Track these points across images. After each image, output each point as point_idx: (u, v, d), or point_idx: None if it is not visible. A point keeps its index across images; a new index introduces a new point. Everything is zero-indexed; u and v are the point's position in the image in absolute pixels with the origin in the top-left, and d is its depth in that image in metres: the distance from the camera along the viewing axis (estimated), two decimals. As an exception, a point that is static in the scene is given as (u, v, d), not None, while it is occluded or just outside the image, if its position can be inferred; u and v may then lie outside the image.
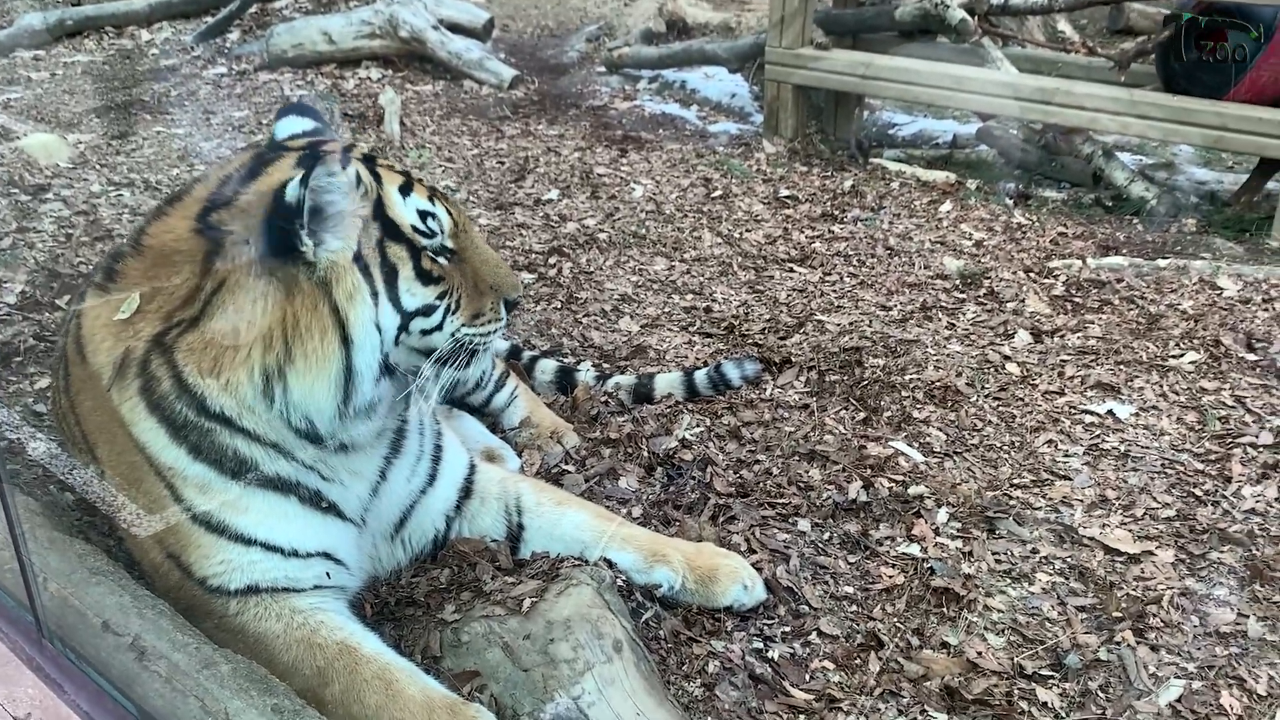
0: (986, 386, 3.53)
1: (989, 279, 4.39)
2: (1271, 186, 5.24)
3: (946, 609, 2.54)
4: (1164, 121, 5.12)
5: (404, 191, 2.09)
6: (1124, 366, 3.65)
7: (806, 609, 2.50)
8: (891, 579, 2.62)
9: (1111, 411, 3.38)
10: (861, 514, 2.87)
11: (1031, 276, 4.43)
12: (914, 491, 2.95)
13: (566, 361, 3.58)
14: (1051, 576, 2.66)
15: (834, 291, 4.30)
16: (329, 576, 2.15)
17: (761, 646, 2.37)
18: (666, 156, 5.96)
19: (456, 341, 2.14)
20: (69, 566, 1.93)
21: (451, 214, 2.14)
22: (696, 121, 6.88)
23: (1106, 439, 3.24)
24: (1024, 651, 2.41)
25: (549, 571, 2.36)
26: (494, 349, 2.29)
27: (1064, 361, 3.69)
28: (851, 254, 4.70)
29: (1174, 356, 3.72)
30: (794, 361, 3.64)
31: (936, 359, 3.70)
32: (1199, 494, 2.98)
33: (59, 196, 4.81)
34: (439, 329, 2.12)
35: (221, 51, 7.85)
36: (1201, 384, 3.54)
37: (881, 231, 4.95)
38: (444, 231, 2.11)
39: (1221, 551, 2.75)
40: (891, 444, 3.18)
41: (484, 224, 4.91)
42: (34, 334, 3.54)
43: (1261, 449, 3.17)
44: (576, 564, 2.38)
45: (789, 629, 2.43)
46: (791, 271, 4.51)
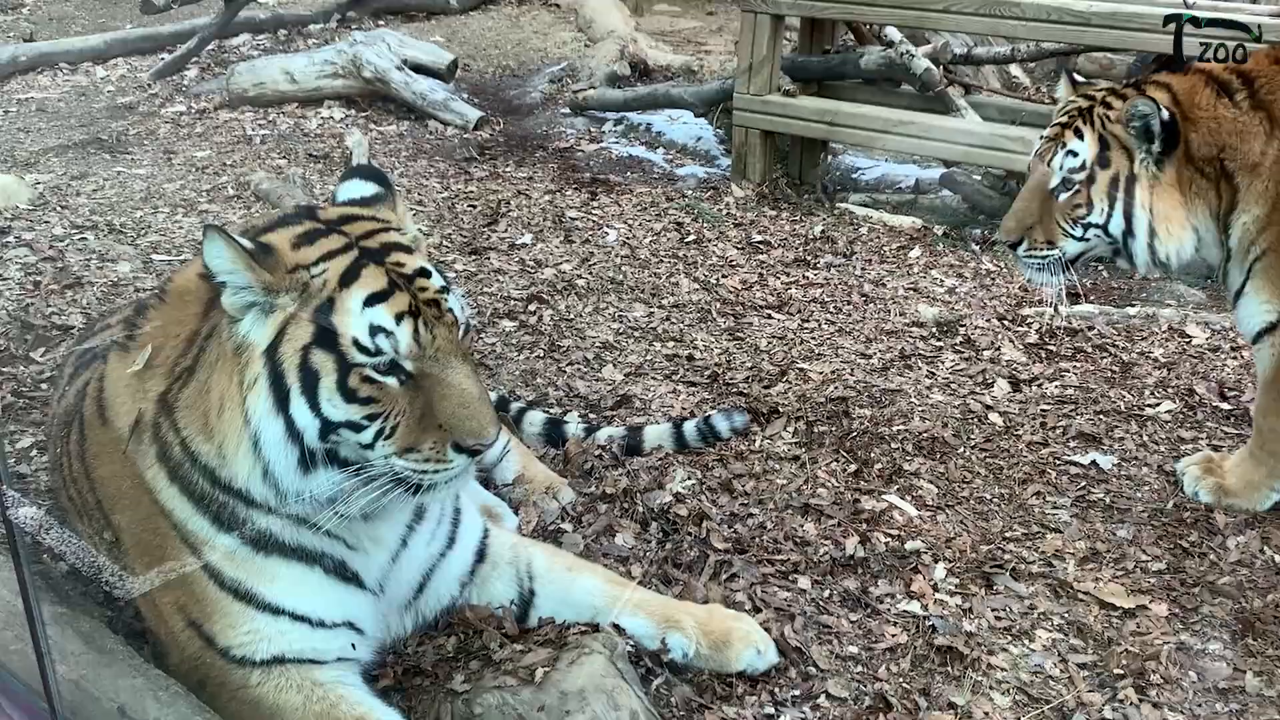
0: (972, 437, 3.57)
1: (964, 326, 4.45)
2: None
3: (951, 668, 2.54)
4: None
5: (371, 301, 1.91)
6: (1103, 416, 3.71)
7: (814, 670, 2.49)
8: (894, 637, 2.62)
9: (1095, 462, 3.43)
10: (860, 570, 2.87)
11: (1005, 324, 4.50)
12: (910, 546, 2.96)
13: (554, 413, 3.55)
14: (1051, 633, 2.68)
15: (813, 339, 4.33)
16: (354, 648, 2.12)
17: (773, 712, 2.35)
18: (636, 200, 5.98)
19: (392, 469, 1.95)
20: (77, 646, 1.87)
21: (420, 338, 1.92)
22: (664, 164, 6.91)
23: (1093, 490, 3.29)
24: (1030, 711, 2.42)
25: (556, 639, 2.33)
26: (457, 486, 2.05)
27: (1044, 411, 3.75)
28: (828, 300, 4.74)
29: (1150, 405, 3.79)
30: (781, 412, 3.65)
31: (921, 409, 3.73)
32: (1186, 545, 3.03)
33: (21, 241, 4.69)
34: (370, 448, 1.94)
35: (180, 89, 7.74)
36: (1179, 433, 3.61)
37: (855, 278, 5.00)
38: (400, 352, 1.91)
39: (1213, 605, 2.79)
40: (885, 497, 3.19)
41: (459, 269, 4.88)
42: (11, 390, 3.43)
43: (1242, 499, 3.23)
44: (584, 631, 2.35)
45: (799, 692, 2.42)
46: (769, 318, 4.54)
